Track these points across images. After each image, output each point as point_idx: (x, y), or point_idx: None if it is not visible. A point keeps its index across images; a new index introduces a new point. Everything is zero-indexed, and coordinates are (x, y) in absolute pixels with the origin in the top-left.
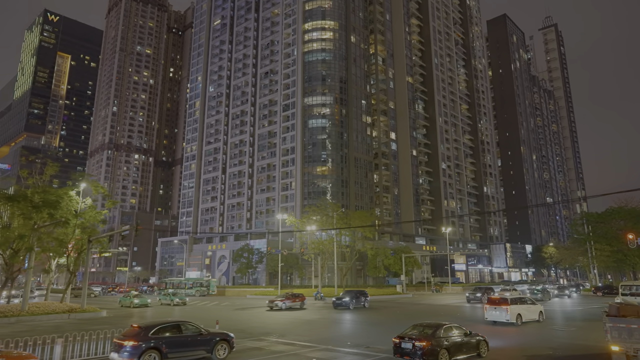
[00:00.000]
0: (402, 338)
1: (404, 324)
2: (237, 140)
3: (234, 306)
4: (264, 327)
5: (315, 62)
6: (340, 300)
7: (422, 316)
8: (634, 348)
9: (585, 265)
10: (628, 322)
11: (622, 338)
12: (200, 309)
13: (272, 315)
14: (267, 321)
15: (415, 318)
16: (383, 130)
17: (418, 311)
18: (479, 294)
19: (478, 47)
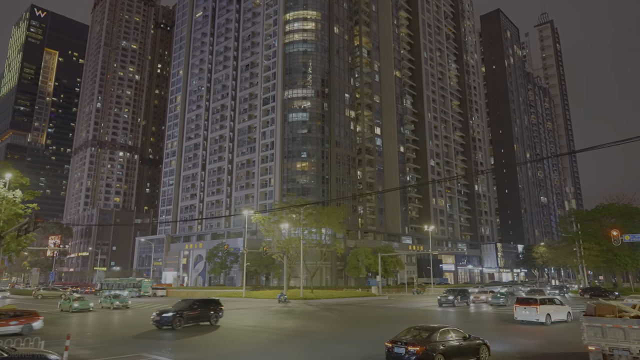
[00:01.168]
0: (395, 342)
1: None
2: (217, 136)
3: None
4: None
5: (296, 54)
6: (162, 316)
7: (372, 323)
8: (610, 347)
9: (574, 265)
10: (603, 322)
11: (597, 337)
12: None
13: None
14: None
15: (355, 326)
16: (368, 125)
17: (373, 316)
18: (451, 296)
19: (470, 42)
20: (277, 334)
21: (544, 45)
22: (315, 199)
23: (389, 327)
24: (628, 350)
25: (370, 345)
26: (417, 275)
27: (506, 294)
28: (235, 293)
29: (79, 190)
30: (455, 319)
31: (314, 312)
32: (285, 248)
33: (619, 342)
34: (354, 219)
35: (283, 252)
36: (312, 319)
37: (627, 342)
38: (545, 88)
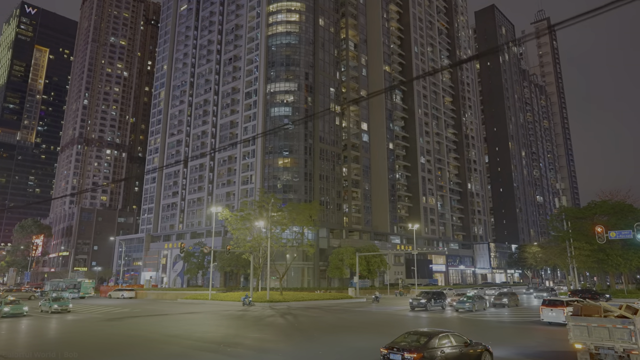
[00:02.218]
0: (391, 348)
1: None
2: (199, 132)
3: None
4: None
5: (279, 46)
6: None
7: (321, 331)
8: (595, 346)
9: (563, 266)
10: (588, 321)
11: (583, 336)
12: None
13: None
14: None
15: (296, 336)
16: (354, 121)
17: (329, 322)
18: (423, 299)
19: (464, 37)
20: (184, 347)
21: (541, 43)
22: (297, 196)
23: (336, 337)
24: (613, 349)
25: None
26: (406, 275)
27: (473, 298)
28: (202, 295)
29: (65, 188)
30: (414, 325)
31: (266, 317)
32: (252, 247)
33: (603, 341)
34: (339, 217)
35: (250, 252)
36: (256, 325)
37: (611, 341)
38: (542, 86)
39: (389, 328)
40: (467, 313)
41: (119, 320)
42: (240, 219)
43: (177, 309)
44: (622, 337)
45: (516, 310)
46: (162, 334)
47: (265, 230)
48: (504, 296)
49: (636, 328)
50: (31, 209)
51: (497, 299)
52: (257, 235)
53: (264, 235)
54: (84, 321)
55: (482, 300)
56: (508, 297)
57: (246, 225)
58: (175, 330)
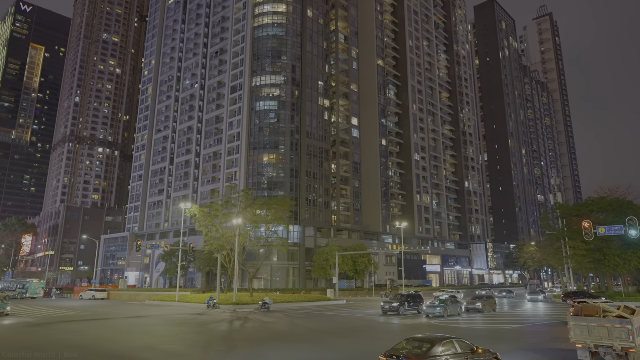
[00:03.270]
0: (390, 356)
1: None
2: (185, 127)
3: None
4: None
5: (265, 38)
6: None
7: (258, 341)
8: (595, 344)
9: (558, 266)
10: (588, 321)
11: (583, 336)
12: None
13: None
14: None
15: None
16: (344, 116)
17: (278, 330)
18: (396, 303)
19: (462, 31)
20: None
21: (543, 39)
22: (283, 193)
23: (270, 349)
24: (612, 347)
25: None
26: (398, 276)
27: (446, 302)
28: (170, 297)
29: (56, 187)
30: (374, 333)
31: (214, 323)
32: (221, 245)
33: (603, 340)
34: (327, 215)
35: (218, 250)
36: (193, 333)
37: (610, 340)
38: (544, 83)
39: (347, 336)
40: (439, 319)
41: (45, 327)
42: (208, 216)
43: (134, 312)
44: (620, 336)
45: (492, 317)
46: (61, 344)
47: (238, 227)
48: (479, 300)
49: (634, 328)
50: (25, 208)
51: (471, 304)
52: (225, 233)
53: (236, 232)
54: (4, 327)
55: (457, 305)
56: (483, 302)
57: (214, 223)
58: (86, 340)
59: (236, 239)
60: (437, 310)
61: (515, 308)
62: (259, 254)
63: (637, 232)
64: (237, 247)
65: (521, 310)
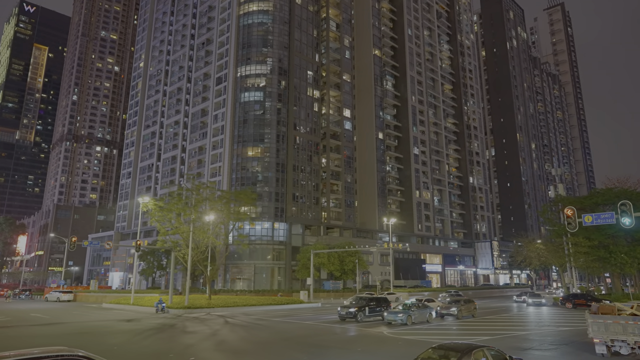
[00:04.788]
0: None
1: None
2: (172, 122)
3: None
4: None
5: (251, 26)
6: None
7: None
8: (611, 339)
9: (559, 265)
10: (605, 319)
11: (600, 331)
12: None
13: None
14: None
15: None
16: (335, 107)
17: (192, 342)
18: (353, 308)
19: (465, 20)
20: None
21: (554, 30)
22: (268, 189)
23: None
24: (626, 341)
25: None
26: (394, 276)
27: (410, 307)
28: (126, 299)
29: (54, 186)
30: (294, 348)
31: (113, 334)
32: (174, 242)
33: (618, 335)
34: (316, 212)
35: (170, 248)
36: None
37: (624, 335)
38: (555, 75)
39: (250, 353)
40: (401, 327)
41: None
42: (162, 210)
43: (71, 316)
44: (633, 331)
45: (468, 325)
46: None
47: (192, 221)
48: (454, 304)
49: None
50: (29, 208)
51: (444, 308)
52: (179, 228)
53: (196, 227)
54: None
55: (424, 310)
56: (459, 306)
57: (168, 218)
58: None
59: (190, 235)
60: (399, 317)
61: (502, 313)
62: (253, 254)
63: (631, 220)
64: (191, 242)
65: (508, 316)
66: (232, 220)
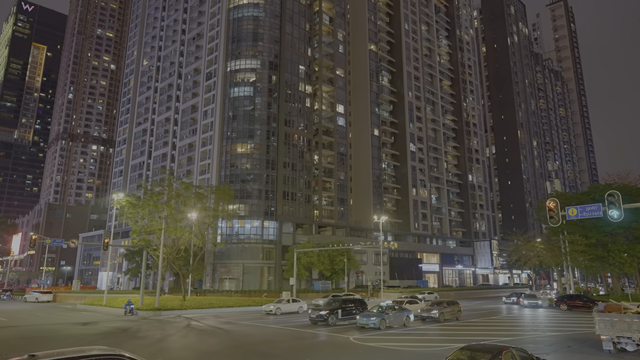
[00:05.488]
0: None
1: None
2: (163, 119)
3: None
4: None
5: (241, 20)
6: None
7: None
8: (617, 336)
9: (555, 264)
10: (611, 316)
11: (607, 329)
12: None
13: None
14: None
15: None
16: (328, 102)
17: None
18: (324, 311)
19: (465, 15)
20: None
21: (557, 26)
22: (258, 186)
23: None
24: (631, 338)
25: None
26: (390, 276)
27: (385, 310)
28: (99, 300)
29: (49, 185)
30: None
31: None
32: (146, 240)
33: (624, 332)
34: (308, 210)
35: (143, 247)
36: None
37: (630, 332)
38: (557, 71)
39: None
40: (373, 332)
41: None
42: (134, 207)
43: (32, 319)
44: (638, 329)
45: (450, 329)
46: None
47: (164, 218)
48: (436, 306)
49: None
50: (27, 207)
51: (425, 311)
52: (151, 225)
53: (169, 225)
54: None
55: (401, 313)
56: (442, 309)
57: (140, 214)
58: None
59: (162, 232)
60: (372, 320)
61: (491, 316)
62: (240, 253)
63: (619, 212)
64: (163, 240)
65: (496, 319)
66: (210, 218)
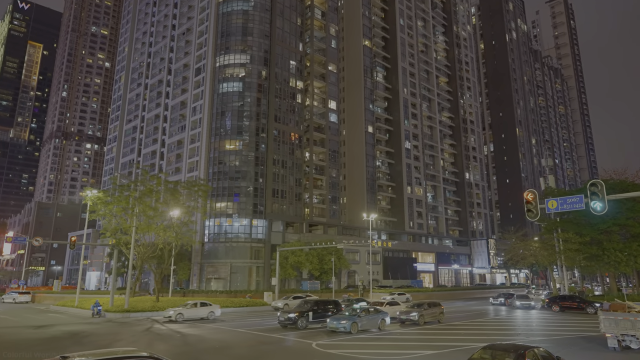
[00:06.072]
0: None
1: None
2: (152, 116)
3: None
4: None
5: (231, 14)
6: None
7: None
8: (621, 334)
9: (547, 263)
10: (615, 315)
11: (611, 327)
12: None
13: None
14: None
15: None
16: (320, 98)
17: None
18: (293, 314)
19: (462, 11)
20: None
21: (556, 23)
22: (246, 183)
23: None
24: (634, 336)
25: None
26: (383, 276)
27: (357, 313)
28: (72, 302)
29: (43, 184)
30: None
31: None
32: (116, 239)
33: (628, 330)
34: (298, 208)
35: (113, 246)
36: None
37: (633, 330)
38: (557, 68)
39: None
40: (343, 336)
41: None
42: (103, 203)
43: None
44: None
45: (429, 333)
46: None
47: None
48: (416, 308)
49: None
50: (21, 207)
51: (404, 313)
52: (121, 222)
53: (143, 222)
54: None
55: (376, 316)
56: (420, 311)
57: (116, 212)
58: None
59: (133, 230)
60: (342, 324)
61: (476, 318)
62: (228, 252)
63: (602, 204)
64: (134, 237)
65: (481, 321)
66: (187, 215)
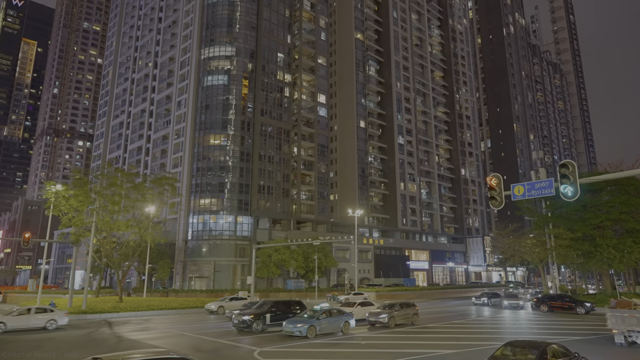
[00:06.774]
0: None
1: None
2: (138, 111)
3: None
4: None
5: (216, 5)
6: None
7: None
8: (627, 330)
9: (537, 261)
10: (622, 312)
11: (618, 323)
12: None
13: None
14: None
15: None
16: (308, 92)
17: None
18: (247, 316)
19: (458, 4)
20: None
21: (556, 17)
22: (232, 179)
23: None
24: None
25: None
26: (375, 274)
27: (317, 315)
28: (32, 302)
29: (34, 182)
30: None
31: None
32: (74, 235)
33: (634, 327)
34: (285, 205)
35: (71, 242)
36: None
37: (639, 326)
38: (556, 64)
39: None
40: (299, 341)
41: None
42: (63, 198)
43: None
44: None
45: (399, 338)
46: None
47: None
48: (387, 309)
49: None
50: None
51: (373, 315)
52: (80, 216)
53: (104, 217)
54: None
55: (338, 318)
56: (391, 312)
57: (77, 207)
58: None
59: (93, 226)
60: (298, 327)
61: (456, 320)
62: (214, 250)
63: (574, 188)
64: (93, 231)
65: (460, 323)
66: (155, 210)
